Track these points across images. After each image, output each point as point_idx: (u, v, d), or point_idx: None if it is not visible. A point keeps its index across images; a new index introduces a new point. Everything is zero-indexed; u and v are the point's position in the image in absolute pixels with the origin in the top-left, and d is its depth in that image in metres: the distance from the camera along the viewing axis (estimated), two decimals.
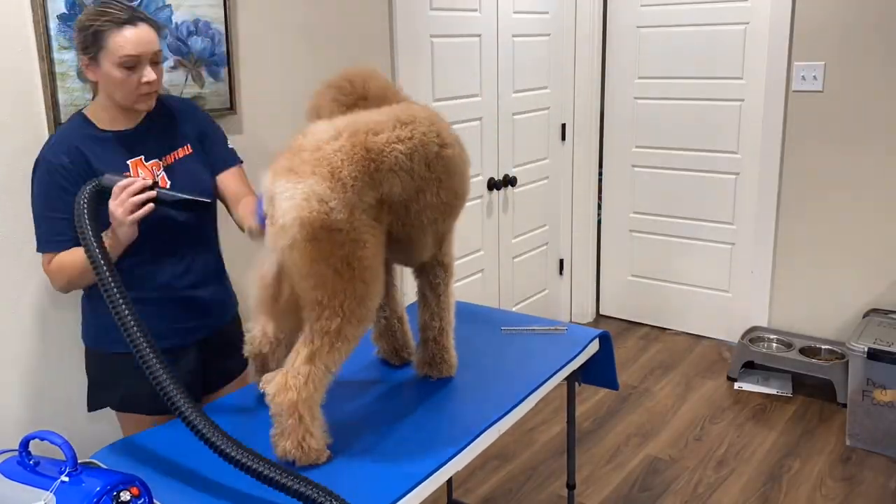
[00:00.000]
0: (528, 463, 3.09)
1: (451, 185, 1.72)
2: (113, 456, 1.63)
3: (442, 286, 1.89)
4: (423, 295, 1.90)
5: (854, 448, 3.14)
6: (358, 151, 1.51)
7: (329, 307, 1.49)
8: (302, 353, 1.52)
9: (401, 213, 1.64)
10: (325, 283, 1.48)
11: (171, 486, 1.50)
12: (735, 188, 3.98)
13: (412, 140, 1.60)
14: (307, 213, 1.43)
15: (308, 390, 1.51)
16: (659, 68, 4.12)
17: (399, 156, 1.56)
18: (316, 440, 1.55)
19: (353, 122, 1.56)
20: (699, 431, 3.31)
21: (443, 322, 1.90)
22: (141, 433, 1.74)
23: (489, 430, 1.81)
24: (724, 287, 4.13)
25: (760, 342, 3.81)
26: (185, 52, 2.25)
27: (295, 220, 1.44)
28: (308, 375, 1.51)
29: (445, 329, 1.91)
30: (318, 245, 1.45)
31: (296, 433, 1.52)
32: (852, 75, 3.47)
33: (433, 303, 1.89)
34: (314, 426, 1.54)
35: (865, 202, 3.55)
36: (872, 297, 3.60)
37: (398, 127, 1.59)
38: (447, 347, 1.93)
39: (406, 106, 1.72)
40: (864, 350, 3.07)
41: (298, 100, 2.58)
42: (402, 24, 3.00)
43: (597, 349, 2.23)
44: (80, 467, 1.34)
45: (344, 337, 1.52)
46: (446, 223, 1.80)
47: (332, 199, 1.45)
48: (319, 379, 1.52)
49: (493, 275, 3.89)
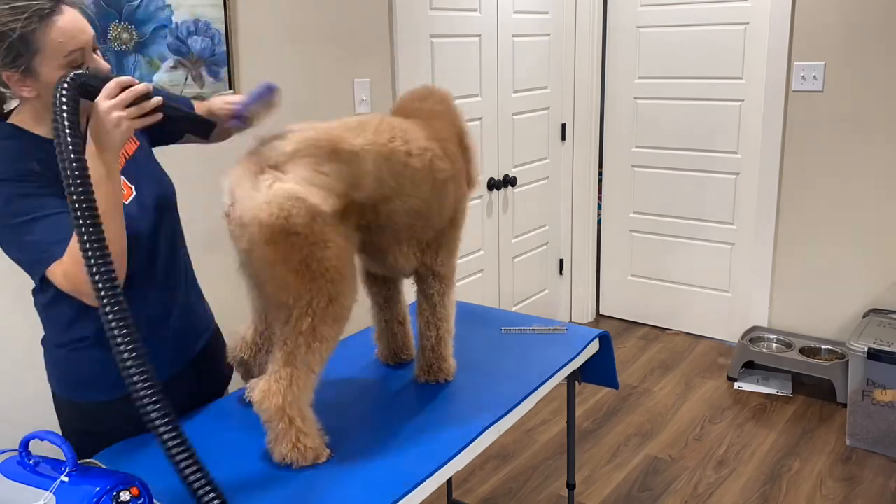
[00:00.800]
0: (529, 463, 3.09)
1: (421, 195, 1.69)
2: (113, 456, 1.63)
3: (437, 296, 1.86)
4: (420, 304, 1.90)
5: (854, 448, 3.14)
6: (322, 153, 1.48)
7: (297, 308, 1.46)
8: (279, 357, 1.50)
9: (368, 215, 1.61)
10: (287, 285, 1.45)
11: (171, 486, 1.50)
12: (735, 188, 3.98)
13: (373, 145, 1.58)
14: (266, 215, 1.39)
15: (293, 393, 1.48)
16: (659, 68, 4.12)
17: (363, 160, 1.55)
18: (311, 439, 1.53)
19: (322, 127, 1.55)
20: (699, 431, 3.31)
21: (439, 331, 1.88)
22: (141, 435, 1.74)
23: (489, 430, 1.80)
24: (724, 287, 4.13)
25: (760, 342, 3.81)
26: (185, 52, 2.25)
27: (254, 219, 1.40)
28: (290, 378, 1.48)
29: (443, 338, 1.89)
30: (275, 248, 1.41)
31: (288, 436, 1.51)
32: (853, 75, 3.47)
33: (428, 312, 1.87)
34: (306, 426, 1.53)
35: (866, 202, 3.55)
36: (872, 297, 3.60)
37: (361, 132, 1.57)
38: (444, 356, 1.92)
39: (377, 116, 1.71)
40: (864, 350, 3.07)
41: (299, 100, 2.58)
42: (403, 24, 3.00)
43: (597, 349, 2.23)
44: (79, 467, 1.34)
45: (320, 336, 1.49)
46: (427, 232, 1.78)
47: (294, 203, 1.41)
48: (303, 380, 1.49)
49: (493, 275, 3.89)
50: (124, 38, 2.10)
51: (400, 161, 1.64)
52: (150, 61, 2.18)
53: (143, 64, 2.16)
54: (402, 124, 1.70)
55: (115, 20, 2.07)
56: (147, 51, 2.16)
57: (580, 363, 2.16)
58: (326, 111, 2.68)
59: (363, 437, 1.73)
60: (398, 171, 1.63)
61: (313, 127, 1.54)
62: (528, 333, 2.27)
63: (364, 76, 2.79)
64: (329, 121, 1.60)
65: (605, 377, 2.27)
